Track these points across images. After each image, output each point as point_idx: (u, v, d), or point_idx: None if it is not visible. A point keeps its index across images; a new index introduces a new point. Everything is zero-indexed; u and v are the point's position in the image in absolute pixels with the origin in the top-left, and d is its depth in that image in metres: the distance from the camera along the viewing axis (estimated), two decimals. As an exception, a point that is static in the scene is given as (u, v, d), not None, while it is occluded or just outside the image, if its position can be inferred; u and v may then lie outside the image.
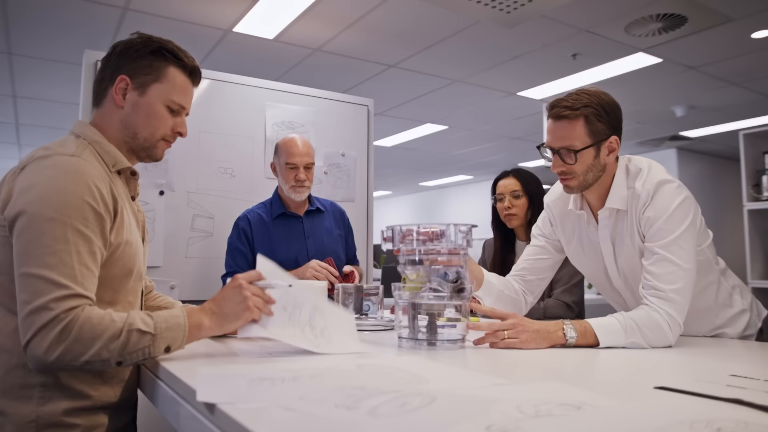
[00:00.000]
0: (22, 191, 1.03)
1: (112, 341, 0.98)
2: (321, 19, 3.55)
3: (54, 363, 0.95)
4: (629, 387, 0.94)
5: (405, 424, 0.65)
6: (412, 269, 1.34)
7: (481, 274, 1.68)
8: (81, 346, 0.96)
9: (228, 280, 1.25)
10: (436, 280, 1.32)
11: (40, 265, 0.97)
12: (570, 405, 0.75)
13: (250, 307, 1.10)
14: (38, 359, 0.95)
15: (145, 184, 2.71)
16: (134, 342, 0.99)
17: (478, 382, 0.91)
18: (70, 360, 0.96)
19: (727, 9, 3.29)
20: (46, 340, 0.94)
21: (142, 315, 1.03)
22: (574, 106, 1.45)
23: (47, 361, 0.95)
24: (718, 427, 0.65)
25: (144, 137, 1.23)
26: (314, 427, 0.65)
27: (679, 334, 1.36)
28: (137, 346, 1.00)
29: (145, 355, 1.01)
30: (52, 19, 3.53)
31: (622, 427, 0.66)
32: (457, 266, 1.34)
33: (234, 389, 0.82)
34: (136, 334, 0.99)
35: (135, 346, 0.99)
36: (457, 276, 1.33)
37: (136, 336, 0.99)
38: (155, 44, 1.24)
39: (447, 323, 1.31)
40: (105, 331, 0.97)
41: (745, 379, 0.97)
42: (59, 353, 0.95)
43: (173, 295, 2.72)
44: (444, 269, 1.35)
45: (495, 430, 0.62)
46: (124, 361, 1.00)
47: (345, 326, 1.31)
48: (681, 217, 1.40)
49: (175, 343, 1.04)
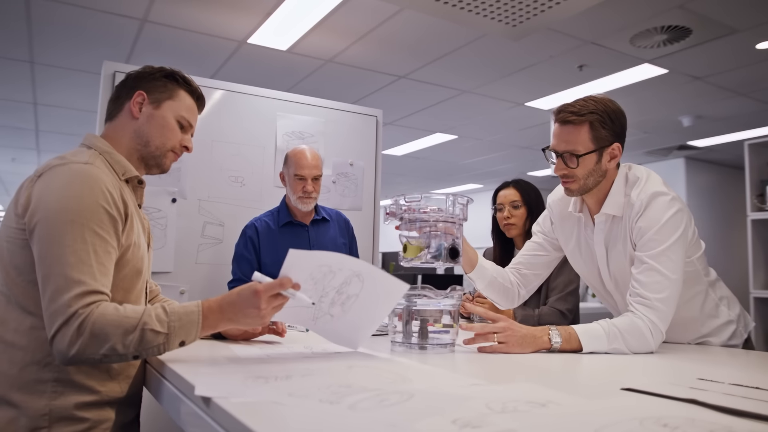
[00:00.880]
0: (40, 198, 1.11)
1: (126, 336, 1.04)
2: (333, 32, 3.64)
3: (75, 357, 1.03)
4: (599, 388, 1.01)
5: (380, 417, 0.72)
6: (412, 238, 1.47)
7: (475, 256, 1.75)
8: (97, 342, 1.03)
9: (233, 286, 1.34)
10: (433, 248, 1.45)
11: (61, 264, 1.06)
12: (536, 403, 0.81)
13: (265, 314, 1.13)
14: (62, 354, 1.04)
15: (158, 191, 2.81)
16: (149, 340, 1.06)
17: (457, 382, 0.97)
18: (90, 354, 1.04)
19: (731, 21, 3.33)
20: (67, 336, 1.02)
21: (159, 312, 1.08)
22: (581, 112, 1.50)
23: (69, 356, 1.03)
24: (665, 423, 0.72)
25: (156, 146, 1.33)
26: (298, 419, 0.73)
27: (661, 341, 1.41)
28: (152, 343, 1.06)
29: (160, 351, 1.09)
30: (73, 30, 3.66)
31: (576, 422, 0.72)
32: (453, 235, 1.48)
33: (229, 385, 0.89)
34: (150, 334, 1.06)
35: (149, 344, 1.06)
36: (452, 244, 1.47)
37: (150, 336, 1.06)
38: (168, 70, 1.37)
39: (439, 329, 1.38)
40: (119, 327, 1.04)
41: (710, 382, 1.03)
42: (78, 348, 1.02)
43: (182, 300, 2.82)
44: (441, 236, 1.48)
45: (460, 423, 0.69)
46: (140, 355, 1.07)
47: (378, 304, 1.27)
48: (671, 229, 1.45)
49: (188, 338, 1.10)
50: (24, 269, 1.12)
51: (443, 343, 1.37)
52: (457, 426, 0.68)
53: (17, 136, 6.66)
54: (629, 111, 1.63)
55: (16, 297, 1.13)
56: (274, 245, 2.38)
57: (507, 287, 1.81)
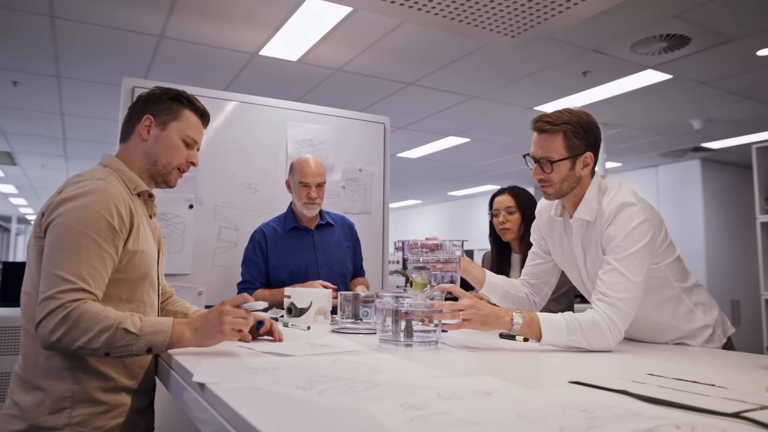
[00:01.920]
0: (56, 207, 1.28)
1: (102, 334, 1.18)
2: (342, 42, 3.79)
3: (55, 343, 1.19)
4: (549, 381, 1.13)
5: (341, 401, 0.86)
6: (417, 273, 1.69)
7: (482, 275, 1.88)
8: (77, 333, 1.18)
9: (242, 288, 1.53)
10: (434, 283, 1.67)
11: (54, 264, 1.22)
12: (482, 392, 0.94)
13: (223, 331, 1.26)
14: (44, 338, 1.19)
15: (176, 198, 2.99)
16: (119, 338, 1.19)
17: (422, 374, 1.10)
18: (66, 343, 1.19)
19: (728, 29, 3.40)
20: (51, 323, 1.18)
21: (135, 318, 1.22)
22: (555, 122, 1.64)
23: (50, 341, 1.19)
24: (584, 409, 0.84)
25: (162, 164, 1.49)
26: (273, 401, 0.87)
27: (620, 339, 1.51)
28: (121, 342, 1.19)
29: (128, 351, 1.21)
30: (95, 46, 3.86)
31: (506, 408, 0.85)
32: (451, 271, 1.70)
33: (223, 374, 1.04)
34: (122, 332, 1.19)
35: (119, 342, 1.19)
36: (451, 279, 1.69)
37: (121, 333, 1.19)
38: (174, 92, 1.51)
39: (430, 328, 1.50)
40: (98, 324, 1.19)
41: (656, 377, 1.14)
42: (59, 335, 1.18)
43: (200, 300, 2.99)
44: (441, 273, 1.71)
45: (406, 406, 0.82)
46: (110, 353, 1.21)
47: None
48: (637, 237, 1.55)
49: (155, 346, 1.23)
50: None
51: (428, 341, 1.50)
52: (403, 408, 0.81)
53: (46, 144, 6.96)
54: (638, 114, 1.76)
55: None
56: (281, 249, 2.52)
57: (521, 297, 1.93)
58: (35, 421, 1.24)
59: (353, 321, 1.89)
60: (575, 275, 1.82)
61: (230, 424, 0.82)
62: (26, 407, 1.26)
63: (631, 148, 6.53)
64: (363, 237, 3.05)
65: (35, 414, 1.25)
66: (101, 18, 3.44)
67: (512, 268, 2.49)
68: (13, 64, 4.25)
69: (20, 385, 1.29)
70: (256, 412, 0.78)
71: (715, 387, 1.04)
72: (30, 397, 1.26)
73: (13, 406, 1.28)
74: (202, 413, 0.97)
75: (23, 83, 4.67)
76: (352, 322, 1.87)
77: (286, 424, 0.75)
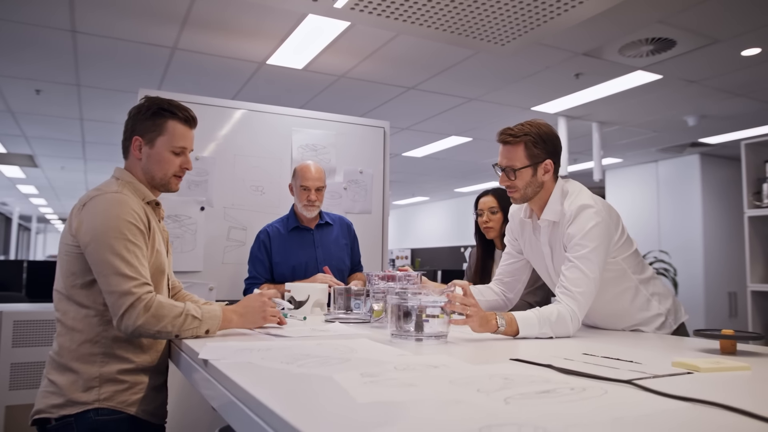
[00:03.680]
0: (88, 221, 1.51)
1: (176, 319, 1.48)
2: (345, 51, 4.00)
3: (137, 330, 1.44)
4: (495, 358, 1.34)
5: (312, 372, 1.08)
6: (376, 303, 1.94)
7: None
8: (155, 320, 1.45)
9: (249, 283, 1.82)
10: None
11: (115, 267, 1.45)
12: (431, 366, 1.15)
13: (266, 318, 1.66)
14: (128, 327, 1.44)
15: (188, 201, 3.23)
16: (188, 323, 1.50)
17: (391, 353, 1.32)
18: (147, 328, 1.45)
19: (711, 32, 3.55)
20: (134, 314, 1.43)
21: (194, 306, 1.53)
22: (517, 134, 1.85)
23: (133, 328, 1.44)
24: (507, 377, 1.05)
25: (159, 177, 1.70)
26: (260, 372, 1.09)
27: (578, 327, 1.72)
28: (190, 326, 1.50)
29: (193, 333, 1.51)
30: (113, 58, 4.12)
31: (446, 376, 1.06)
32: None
33: (224, 353, 1.27)
34: (190, 318, 1.50)
35: (189, 326, 1.50)
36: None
37: (190, 319, 1.50)
38: (155, 106, 1.67)
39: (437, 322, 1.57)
40: (171, 312, 1.48)
41: (588, 356, 1.34)
42: (142, 322, 1.44)
43: (211, 295, 3.23)
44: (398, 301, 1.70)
45: (364, 375, 1.04)
46: (180, 335, 1.50)
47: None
48: (593, 237, 1.75)
49: (212, 328, 1.55)
50: (78, 274, 1.52)
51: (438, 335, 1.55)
52: (362, 376, 1.03)
53: (66, 147, 7.27)
54: (634, 113, 1.95)
55: (73, 295, 1.54)
56: (284, 247, 2.75)
57: (492, 299, 2.14)
58: (70, 396, 1.48)
59: (345, 312, 2.11)
60: (543, 271, 2.03)
61: (227, 390, 1.05)
62: (62, 385, 1.50)
63: (630, 144, 6.68)
64: (364, 235, 3.27)
65: (70, 391, 1.49)
66: (119, 32, 3.69)
67: (495, 263, 2.69)
68: (37, 74, 4.52)
69: (56, 368, 1.53)
70: (246, 380, 1.01)
71: (632, 363, 1.25)
72: (65, 377, 1.50)
73: (50, 385, 1.52)
74: (206, 386, 1.19)
75: (45, 91, 4.95)
76: (344, 313, 2.10)
77: (268, 388, 0.97)
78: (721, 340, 1.45)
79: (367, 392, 0.91)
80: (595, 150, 5.80)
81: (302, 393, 0.95)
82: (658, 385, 1.00)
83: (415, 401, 0.87)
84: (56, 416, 1.48)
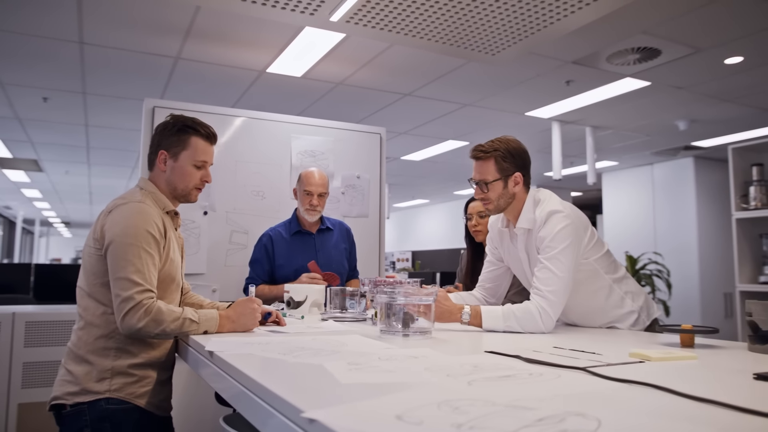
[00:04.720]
0: (111, 227, 1.66)
1: (174, 323, 1.61)
2: (342, 59, 4.15)
3: (138, 331, 1.59)
4: (472, 350, 1.47)
5: (303, 361, 1.22)
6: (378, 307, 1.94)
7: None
8: (155, 323, 1.59)
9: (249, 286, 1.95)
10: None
11: (126, 271, 1.60)
12: (412, 356, 1.29)
13: (256, 323, 1.77)
14: (130, 328, 1.59)
15: (192, 206, 3.36)
16: (187, 325, 1.63)
17: (376, 347, 1.45)
18: (148, 330, 1.59)
19: (694, 41, 3.69)
20: (135, 316, 1.57)
21: (192, 311, 1.67)
22: (487, 150, 2.00)
23: (134, 329, 1.58)
24: (476, 365, 1.19)
25: (181, 189, 1.85)
26: (260, 362, 1.23)
27: (552, 324, 1.85)
28: (188, 328, 1.64)
29: (192, 334, 1.63)
30: (119, 67, 4.28)
31: (423, 364, 1.19)
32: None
33: (228, 346, 1.41)
34: (188, 321, 1.64)
35: (187, 329, 1.64)
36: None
37: (188, 322, 1.64)
38: (180, 123, 1.84)
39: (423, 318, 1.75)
40: (170, 316, 1.61)
41: (557, 348, 1.48)
42: (143, 325, 1.58)
43: (215, 297, 3.37)
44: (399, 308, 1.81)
45: (351, 363, 1.18)
46: (179, 336, 1.64)
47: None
48: (562, 239, 1.89)
49: (210, 329, 1.69)
50: (99, 274, 1.67)
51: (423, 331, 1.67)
52: (348, 364, 1.17)
53: (71, 152, 7.42)
54: (626, 117, 2.09)
55: (93, 293, 1.69)
56: (286, 250, 2.89)
57: (475, 304, 2.26)
58: (85, 386, 1.62)
59: (340, 311, 2.25)
60: (522, 276, 2.17)
61: (230, 376, 1.19)
62: (78, 375, 1.64)
63: (624, 148, 6.82)
64: (361, 238, 3.41)
65: (85, 380, 1.63)
66: (125, 42, 3.84)
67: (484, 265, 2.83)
68: (44, 83, 4.68)
69: (73, 358, 1.68)
70: (247, 367, 1.15)
71: (594, 354, 1.39)
72: (81, 367, 1.65)
73: (67, 374, 1.66)
74: (211, 374, 1.33)
75: (52, 99, 5.11)
76: (339, 312, 2.24)
77: (267, 374, 1.11)
78: (681, 334, 1.59)
79: (351, 376, 1.05)
80: (589, 154, 5.93)
81: (297, 378, 1.08)
82: (609, 371, 1.14)
83: (390, 384, 1.01)
84: (71, 403, 1.62)
